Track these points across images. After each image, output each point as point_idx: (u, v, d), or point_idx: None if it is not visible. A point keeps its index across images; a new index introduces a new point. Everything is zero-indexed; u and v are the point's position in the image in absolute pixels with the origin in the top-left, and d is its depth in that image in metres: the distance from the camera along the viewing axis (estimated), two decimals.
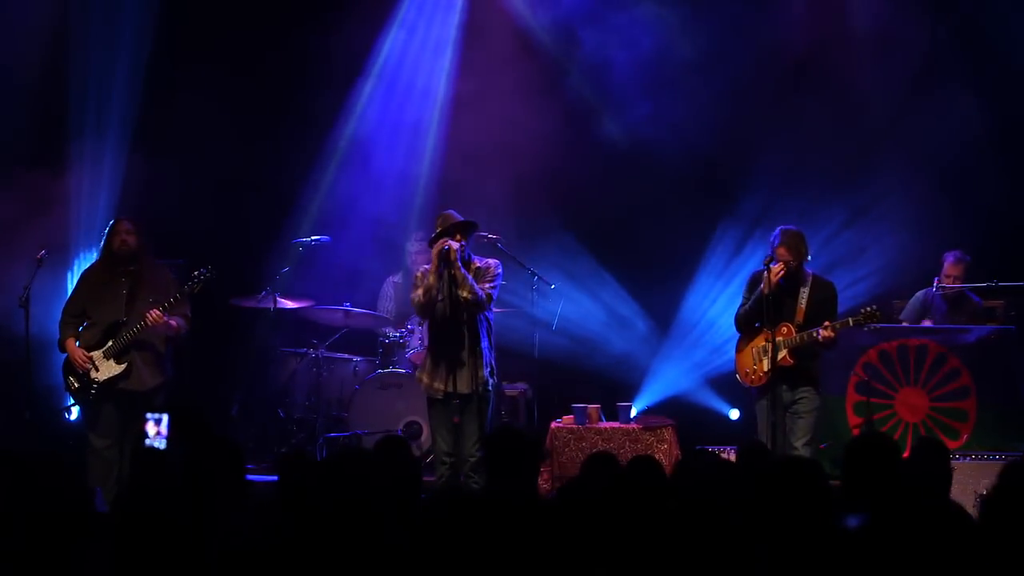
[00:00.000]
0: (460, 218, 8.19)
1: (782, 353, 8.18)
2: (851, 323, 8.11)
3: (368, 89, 11.37)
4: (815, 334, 8.09)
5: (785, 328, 8.24)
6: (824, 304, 8.22)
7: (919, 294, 9.92)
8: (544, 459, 9.26)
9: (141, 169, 10.58)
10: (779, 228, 8.35)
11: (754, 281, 8.44)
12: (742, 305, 8.51)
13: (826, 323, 8.09)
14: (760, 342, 8.30)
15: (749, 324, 8.45)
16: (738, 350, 8.56)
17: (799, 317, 8.23)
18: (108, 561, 3.90)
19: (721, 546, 3.91)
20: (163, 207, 10.10)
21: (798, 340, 8.17)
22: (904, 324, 9.76)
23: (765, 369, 8.25)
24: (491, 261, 8.28)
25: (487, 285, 8.11)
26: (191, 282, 8.52)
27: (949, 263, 9.73)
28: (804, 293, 8.27)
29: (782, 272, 8.13)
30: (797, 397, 8.25)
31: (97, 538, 4.12)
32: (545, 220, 10.94)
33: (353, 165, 11.31)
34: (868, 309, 8.12)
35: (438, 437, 8.18)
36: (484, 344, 8.11)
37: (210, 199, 10.60)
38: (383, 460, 5.52)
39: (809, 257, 8.38)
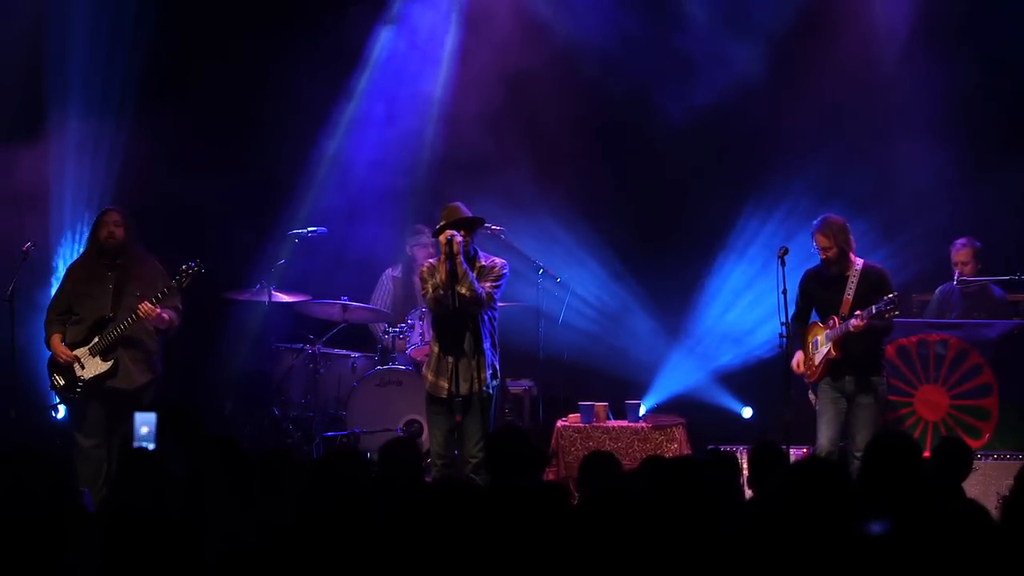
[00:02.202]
0: (467, 211, 8.18)
1: (828, 346, 8.27)
2: (874, 311, 8.13)
3: (368, 75, 11.34)
4: (848, 325, 8.17)
5: (832, 320, 8.33)
6: (875, 293, 8.22)
7: (938, 291, 9.91)
8: (550, 461, 9.25)
9: (132, 157, 10.59)
10: (821, 216, 8.46)
11: (804, 280, 8.52)
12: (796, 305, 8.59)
13: (857, 312, 8.17)
14: (815, 335, 8.44)
15: (798, 323, 8.53)
16: (801, 347, 8.63)
17: (844, 309, 8.30)
18: (96, 564, 3.91)
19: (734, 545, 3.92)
20: (154, 196, 10.11)
21: (838, 332, 8.24)
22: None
23: (816, 363, 8.38)
24: (498, 261, 8.26)
25: (489, 284, 8.09)
26: (179, 276, 8.51)
27: (956, 249, 9.75)
28: (852, 284, 8.34)
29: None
30: (859, 388, 8.32)
31: (85, 539, 4.14)
32: (550, 211, 10.92)
33: (352, 153, 11.30)
34: (889, 297, 8.14)
35: (433, 437, 8.21)
36: (486, 344, 8.10)
37: (203, 188, 10.58)
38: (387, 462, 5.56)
39: (854, 246, 8.43)
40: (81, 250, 9.50)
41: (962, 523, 3.43)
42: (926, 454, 6.89)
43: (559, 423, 9.63)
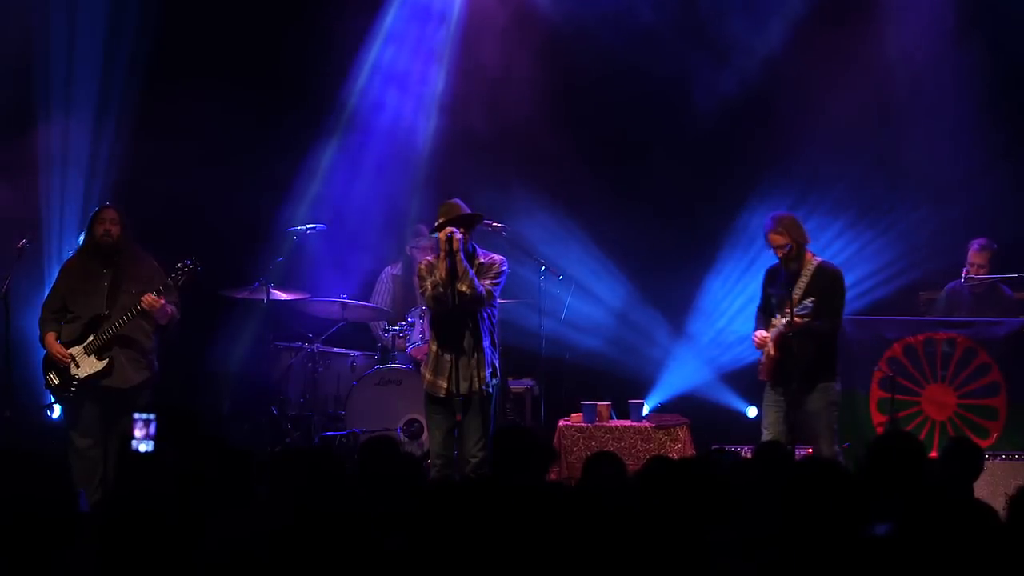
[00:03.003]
0: (466, 208, 8.19)
1: (770, 345, 8.20)
2: (795, 312, 8.03)
3: (367, 69, 11.34)
4: (780, 326, 8.12)
5: (777, 319, 8.26)
6: (823, 292, 8.11)
7: (946, 289, 9.92)
8: (554, 460, 9.25)
9: (130, 153, 10.60)
10: (769, 216, 8.40)
11: (768, 275, 8.47)
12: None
13: (786, 311, 8.08)
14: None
15: (760, 319, 8.48)
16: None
17: (788, 308, 8.12)
18: (93, 564, 3.92)
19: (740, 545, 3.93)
20: (152, 193, 10.11)
21: (775, 333, 8.19)
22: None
23: (763, 361, 8.33)
24: (496, 258, 8.26)
25: (488, 282, 8.10)
26: (175, 274, 8.52)
27: (973, 251, 9.73)
28: (802, 282, 8.23)
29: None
30: (802, 394, 8.23)
31: (81, 542, 4.14)
32: (553, 208, 10.92)
33: (352, 148, 11.30)
34: (805, 302, 8.04)
35: (432, 437, 8.24)
36: (486, 342, 8.11)
37: (201, 184, 10.59)
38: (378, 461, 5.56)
39: (809, 240, 8.37)
40: (77, 247, 9.49)
41: (969, 523, 3.43)
42: (933, 454, 6.90)
43: (561, 422, 9.64)
